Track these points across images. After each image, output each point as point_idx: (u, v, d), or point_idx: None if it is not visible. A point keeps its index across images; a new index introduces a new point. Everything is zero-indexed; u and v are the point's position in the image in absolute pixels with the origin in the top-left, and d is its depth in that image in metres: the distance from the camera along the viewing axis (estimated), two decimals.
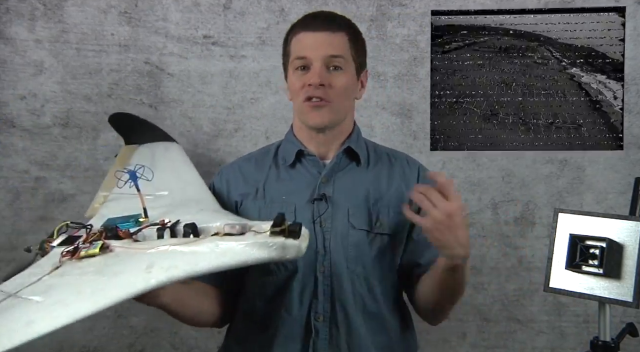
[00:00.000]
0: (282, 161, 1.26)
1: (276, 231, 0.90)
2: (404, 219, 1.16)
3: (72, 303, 0.82)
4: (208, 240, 0.92)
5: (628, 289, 0.99)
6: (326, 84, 1.16)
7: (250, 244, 0.89)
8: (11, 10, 1.83)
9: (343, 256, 1.17)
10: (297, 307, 1.17)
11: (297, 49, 1.20)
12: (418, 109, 1.85)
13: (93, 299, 0.83)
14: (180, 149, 1.59)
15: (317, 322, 1.16)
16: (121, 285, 0.85)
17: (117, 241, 0.98)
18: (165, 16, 1.85)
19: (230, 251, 0.89)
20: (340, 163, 1.24)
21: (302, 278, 1.17)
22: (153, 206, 1.10)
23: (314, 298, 1.17)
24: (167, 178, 1.30)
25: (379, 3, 1.84)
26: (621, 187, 1.82)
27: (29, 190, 1.84)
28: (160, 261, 0.89)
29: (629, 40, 1.82)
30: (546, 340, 1.85)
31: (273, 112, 1.85)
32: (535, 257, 1.84)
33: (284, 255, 0.90)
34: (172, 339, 1.86)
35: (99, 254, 0.94)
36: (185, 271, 0.87)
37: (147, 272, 0.86)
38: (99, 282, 0.86)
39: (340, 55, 1.17)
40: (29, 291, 0.88)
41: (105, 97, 1.85)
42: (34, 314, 0.81)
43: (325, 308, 1.16)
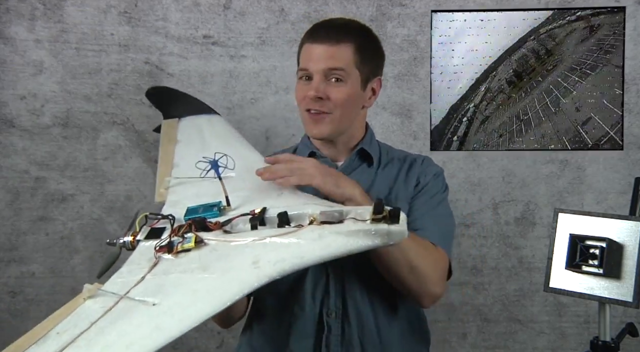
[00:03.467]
0: None
1: (378, 218, 0.88)
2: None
3: (192, 305, 0.81)
4: (308, 230, 0.90)
5: (628, 289, 0.99)
6: (324, 97, 1.17)
7: (353, 232, 0.87)
8: (11, 10, 1.83)
9: None
10: (309, 304, 1.18)
11: (302, 60, 1.22)
12: (418, 109, 1.85)
13: (211, 299, 0.81)
14: (223, 121, 1.52)
15: (330, 318, 1.17)
16: (234, 282, 0.83)
17: (208, 233, 0.95)
18: (165, 16, 1.85)
19: (335, 241, 0.87)
20: (352, 164, 1.26)
21: (313, 275, 1.18)
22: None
23: (325, 295, 1.18)
24: (231, 156, 1.26)
25: (379, 3, 1.84)
26: (621, 187, 1.82)
27: (29, 190, 1.84)
28: (266, 254, 0.87)
29: (629, 40, 1.82)
30: (547, 340, 1.85)
31: (273, 112, 1.85)
32: (536, 257, 1.84)
33: (388, 241, 0.88)
34: None
35: (195, 248, 0.92)
36: (293, 263, 0.85)
37: (255, 267, 0.84)
38: (210, 281, 0.84)
39: (341, 67, 1.17)
40: (139, 292, 0.86)
41: (105, 97, 1.85)
42: (158, 317, 0.80)
43: (337, 305, 1.17)
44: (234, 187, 1.10)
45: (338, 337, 1.17)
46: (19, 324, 1.81)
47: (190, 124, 1.49)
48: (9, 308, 1.82)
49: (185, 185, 1.16)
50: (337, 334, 1.17)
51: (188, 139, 1.41)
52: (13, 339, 0.82)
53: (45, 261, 1.83)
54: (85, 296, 0.87)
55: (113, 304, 0.84)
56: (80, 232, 1.85)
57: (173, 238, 0.96)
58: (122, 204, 1.85)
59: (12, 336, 0.83)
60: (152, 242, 0.97)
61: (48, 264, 1.84)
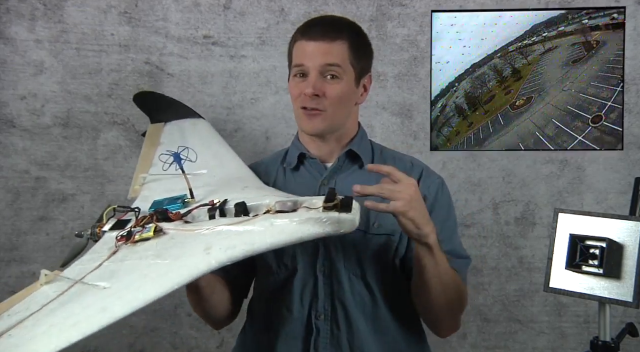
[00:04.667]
0: (287, 165, 1.28)
1: (329, 206, 0.90)
2: None
3: (140, 288, 0.84)
4: (262, 218, 0.92)
5: (628, 289, 0.99)
6: (320, 94, 1.17)
7: (304, 220, 0.90)
8: (11, 10, 1.83)
9: (341, 255, 1.18)
10: (297, 306, 1.18)
11: (296, 56, 1.21)
12: (418, 109, 1.85)
13: (159, 282, 0.84)
14: (207, 125, 1.57)
15: (318, 320, 1.17)
16: (184, 268, 0.86)
17: (169, 223, 0.99)
18: (165, 16, 1.85)
19: (286, 228, 0.90)
20: (342, 166, 1.25)
21: (302, 277, 1.18)
22: (195, 185, 1.10)
23: (314, 297, 1.18)
24: (202, 156, 1.30)
25: (379, 3, 1.84)
26: (621, 187, 1.82)
27: (29, 190, 1.84)
28: (218, 241, 0.89)
29: (629, 40, 1.82)
30: (546, 340, 1.85)
31: (273, 112, 1.85)
32: (536, 257, 1.84)
33: (339, 229, 0.90)
34: (172, 339, 1.86)
35: (153, 237, 0.95)
36: (244, 250, 0.88)
37: (206, 254, 0.87)
38: (161, 266, 0.87)
39: (337, 63, 1.17)
40: (93, 277, 0.89)
41: (105, 97, 1.85)
42: (105, 299, 0.82)
43: (326, 307, 1.17)
44: (204, 182, 1.14)
45: (327, 339, 1.17)
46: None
47: (174, 128, 1.54)
48: None
49: (158, 182, 1.20)
50: (325, 337, 1.17)
51: (170, 141, 1.46)
52: None
53: (46, 261, 1.83)
54: (42, 282, 0.90)
55: (67, 288, 0.86)
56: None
57: (134, 228, 0.99)
58: (122, 204, 1.85)
59: None
60: (116, 232, 1.00)
61: (48, 264, 1.83)
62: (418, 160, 1.32)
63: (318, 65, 1.17)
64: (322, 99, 1.17)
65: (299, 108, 1.20)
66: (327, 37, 1.18)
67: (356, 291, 1.18)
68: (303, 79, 1.19)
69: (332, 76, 1.17)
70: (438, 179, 1.28)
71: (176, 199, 1.07)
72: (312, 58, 1.18)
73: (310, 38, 1.19)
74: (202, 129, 1.54)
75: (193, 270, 0.86)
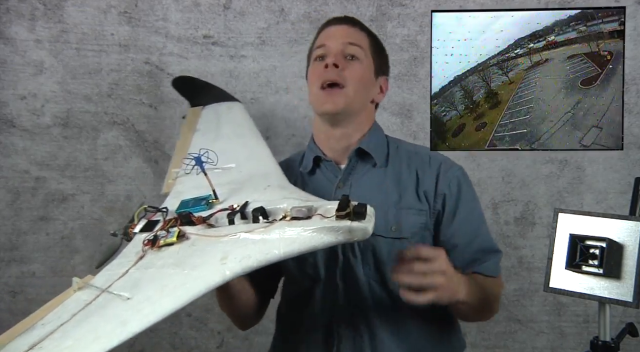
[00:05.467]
0: (304, 168, 1.27)
1: (342, 215, 0.89)
2: (423, 219, 1.16)
3: (157, 300, 0.83)
4: (277, 226, 0.92)
5: (628, 289, 0.99)
6: (341, 66, 1.18)
7: (317, 229, 0.89)
8: (11, 10, 1.83)
9: (360, 262, 1.16)
10: (320, 314, 1.18)
11: (318, 40, 1.25)
12: (418, 109, 1.85)
13: (175, 295, 0.83)
14: (242, 109, 1.57)
15: (340, 328, 1.16)
16: (199, 279, 0.86)
17: (192, 227, 0.98)
18: (165, 16, 1.85)
19: (299, 237, 0.89)
20: (355, 166, 1.23)
21: (324, 286, 1.18)
22: (220, 182, 1.09)
23: (336, 305, 1.17)
24: (233, 146, 1.29)
25: (379, 3, 1.84)
26: (621, 187, 1.82)
27: (29, 190, 1.84)
28: (234, 250, 0.89)
29: (629, 40, 1.82)
30: (546, 340, 1.85)
31: (273, 112, 1.85)
32: (536, 257, 1.84)
33: (352, 238, 0.89)
34: (172, 339, 1.86)
35: (176, 243, 0.95)
36: (258, 260, 0.87)
37: (222, 264, 0.87)
38: (179, 276, 0.87)
39: (358, 44, 1.21)
40: (119, 286, 0.89)
41: (105, 97, 1.85)
42: (126, 312, 0.83)
43: (347, 315, 1.16)
44: (230, 178, 1.13)
45: (349, 346, 1.15)
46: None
47: (211, 112, 1.53)
48: (9, 308, 1.82)
49: (191, 175, 1.18)
50: (347, 344, 1.15)
51: (206, 128, 1.43)
52: None
53: (46, 261, 1.83)
54: (75, 288, 0.91)
55: (94, 298, 0.87)
56: (81, 232, 1.85)
57: (159, 232, 0.98)
58: (123, 204, 1.85)
59: None
60: (145, 235, 1.00)
61: (48, 264, 1.84)
62: (436, 153, 1.29)
63: (340, 42, 1.20)
64: (342, 73, 1.18)
65: (319, 89, 1.19)
66: (350, 23, 1.25)
67: (376, 296, 1.16)
68: (323, 62, 1.20)
69: (352, 57, 1.20)
70: (458, 170, 1.25)
71: (201, 200, 1.07)
72: (334, 38, 1.22)
73: (333, 24, 1.25)
74: (237, 113, 1.52)
75: (207, 282, 0.85)
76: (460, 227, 1.20)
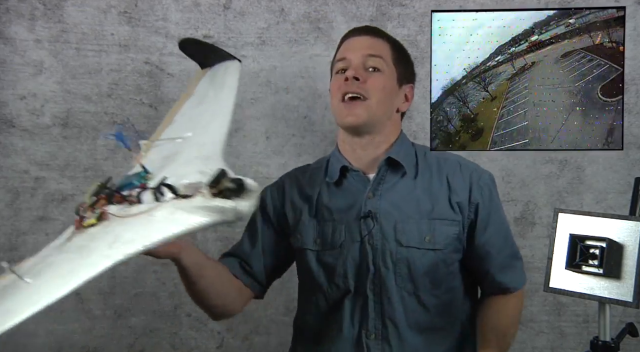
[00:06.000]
0: (330, 178, 1.26)
1: (215, 193, 0.82)
2: (456, 230, 1.16)
3: (43, 288, 0.78)
4: (168, 205, 0.85)
5: (628, 289, 0.99)
6: (362, 78, 1.17)
7: (193, 209, 0.82)
8: (11, 10, 1.83)
9: (392, 273, 1.16)
10: (348, 325, 1.17)
11: (339, 53, 1.24)
12: (418, 109, 1.85)
13: (60, 283, 0.77)
14: (236, 69, 1.45)
15: (369, 340, 1.16)
16: (83, 267, 0.79)
17: (114, 207, 0.91)
18: (165, 16, 1.85)
19: (178, 219, 0.82)
20: (385, 176, 1.22)
21: (353, 296, 1.18)
22: (166, 154, 1.03)
23: (364, 316, 1.16)
24: (204, 112, 1.20)
25: (379, 3, 1.84)
26: (621, 187, 1.82)
27: (28, 190, 1.84)
28: (124, 234, 0.83)
29: (629, 40, 1.81)
30: (546, 340, 1.85)
31: (273, 112, 1.85)
32: (535, 257, 1.84)
33: (226, 218, 0.82)
34: (172, 339, 1.86)
35: (97, 224, 0.88)
36: (143, 244, 0.80)
37: (109, 249, 0.80)
38: (71, 263, 0.82)
39: (379, 55, 1.20)
40: (34, 271, 0.85)
41: (105, 97, 1.85)
42: (15, 299, 0.79)
43: (377, 326, 1.16)
44: (175, 149, 1.06)
45: None
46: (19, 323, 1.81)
47: (211, 74, 1.43)
48: None
49: (160, 146, 1.13)
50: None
51: (198, 92, 1.35)
52: (13, 338, 0.83)
53: None
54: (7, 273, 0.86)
55: (7, 282, 0.84)
56: None
57: (85, 214, 0.92)
58: None
59: (12, 336, 0.83)
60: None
61: None
62: (465, 160, 1.28)
63: (360, 55, 1.19)
64: (363, 85, 1.17)
65: (340, 102, 1.19)
66: (371, 33, 1.23)
67: (409, 308, 1.16)
68: (344, 74, 1.20)
69: (373, 69, 1.19)
70: (489, 178, 1.26)
71: (134, 176, 0.99)
72: (354, 50, 1.21)
73: (353, 35, 1.24)
74: (229, 74, 1.42)
75: (92, 269, 0.78)
76: (493, 234, 1.21)
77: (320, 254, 1.22)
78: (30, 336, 1.76)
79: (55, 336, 1.78)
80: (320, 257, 1.22)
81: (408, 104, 1.28)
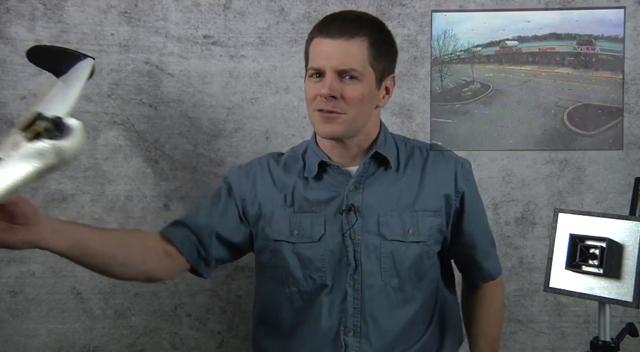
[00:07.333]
0: (308, 173, 1.22)
1: (30, 137, 0.75)
2: (439, 221, 1.16)
3: None
4: (16, 154, 0.78)
5: (628, 289, 0.99)
6: (338, 95, 1.10)
7: (9, 162, 0.76)
8: (11, 10, 1.83)
9: (377, 268, 1.14)
10: (325, 321, 1.15)
11: (312, 57, 1.15)
12: (418, 109, 1.85)
13: None
14: (87, 65, 1.37)
15: (347, 337, 1.14)
16: None
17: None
18: (165, 16, 1.85)
19: (4, 171, 0.74)
20: (368, 170, 1.20)
21: (331, 291, 1.15)
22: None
23: (343, 312, 1.14)
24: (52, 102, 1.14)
25: (379, 3, 1.84)
26: (621, 187, 1.82)
27: (29, 190, 1.84)
28: None
29: (629, 40, 1.82)
30: (546, 340, 1.85)
31: (273, 112, 1.85)
32: (536, 257, 1.84)
33: (47, 161, 0.76)
34: (171, 339, 1.86)
35: None
36: None
37: None
38: None
39: (354, 68, 1.11)
40: None
41: (105, 97, 1.85)
42: None
43: (356, 323, 1.14)
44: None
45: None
46: (19, 324, 1.81)
47: (65, 78, 1.36)
48: (9, 308, 1.82)
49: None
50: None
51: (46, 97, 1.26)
52: (13, 338, 0.83)
53: (46, 261, 1.83)
54: None
55: None
56: None
57: None
58: (123, 204, 1.85)
59: (13, 336, 0.83)
60: None
61: (48, 264, 1.84)
62: (448, 151, 1.26)
63: (334, 66, 1.10)
64: (340, 102, 1.10)
65: (315, 111, 1.13)
66: (346, 34, 1.10)
67: (394, 303, 1.15)
68: (319, 80, 1.12)
69: (350, 77, 1.11)
70: (469, 165, 1.26)
71: None
72: (328, 59, 1.10)
73: (327, 35, 1.11)
74: (77, 71, 1.36)
75: None
76: (478, 222, 1.21)
77: (297, 246, 1.18)
78: (31, 336, 1.77)
79: (56, 335, 1.78)
80: (296, 249, 1.18)
81: (388, 97, 1.21)
